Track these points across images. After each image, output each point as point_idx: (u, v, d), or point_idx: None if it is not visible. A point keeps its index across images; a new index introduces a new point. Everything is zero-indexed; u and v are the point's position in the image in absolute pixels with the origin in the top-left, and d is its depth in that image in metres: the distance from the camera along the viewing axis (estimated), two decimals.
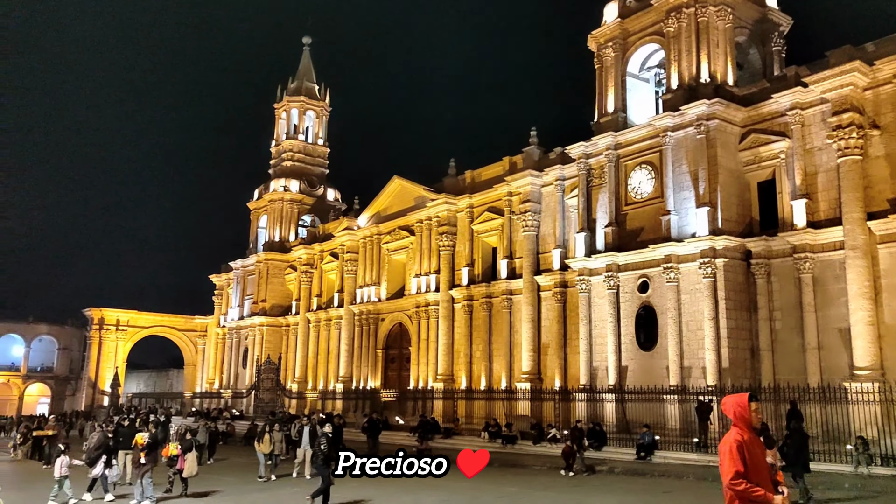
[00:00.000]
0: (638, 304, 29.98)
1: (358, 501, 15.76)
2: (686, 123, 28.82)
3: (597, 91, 33.59)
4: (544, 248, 37.28)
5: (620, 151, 31.65)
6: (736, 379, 25.81)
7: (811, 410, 23.05)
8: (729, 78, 29.78)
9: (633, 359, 29.79)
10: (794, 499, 14.55)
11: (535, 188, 37.65)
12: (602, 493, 17.00)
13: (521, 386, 34.90)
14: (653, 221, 29.84)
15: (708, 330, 26.93)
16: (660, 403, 26.78)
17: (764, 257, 27.50)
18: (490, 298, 39.69)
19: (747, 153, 28.68)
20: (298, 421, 24.51)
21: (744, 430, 6.22)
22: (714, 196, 27.85)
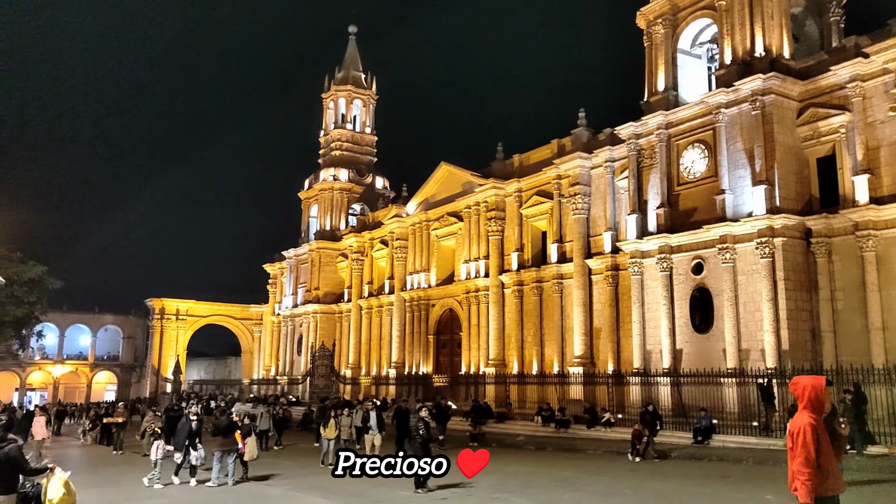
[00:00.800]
0: (692, 285, 29.43)
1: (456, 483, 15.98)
2: (741, 99, 28.03)
3: (646, 69, 32.91)
4: (595, 231, 36.87)
5: (672, 130, 31.01)
6: (796, 361, 25.16)
7: (877, 392, 22.32)
8: (785, 51, 28.80)
9: (687, 342, 29.32)
10: None
11: (585, 170, 37.21)
12: (659, 479, 16.85)
13: (574, 370, 34.74)
14: (706, 201, 29.19)
15: (766, 311, 26.28)
16: (717, 387, 26.29)
17: (824, 236, 26.64)
18: (540, 283, 39.50)
19: (805, 128, 27.75)
20: (362, 406, 23.95)
21: (815, 413, 6.10)
22: (771, 173, 27.06)
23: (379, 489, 15.58)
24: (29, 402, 66.13)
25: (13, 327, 34.96)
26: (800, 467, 5.88)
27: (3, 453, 8.22)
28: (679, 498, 13.84)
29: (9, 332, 35.65)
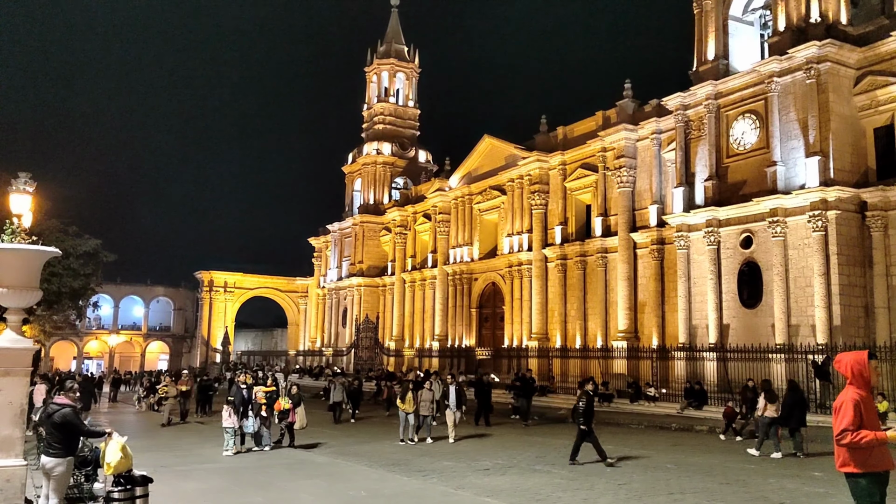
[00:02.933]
0: (741, 260, 28.84)
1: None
2: (794, 67, 27.08)
3: (696, 38, 32.00)
4: (640, 205, 36.31)
5: (721, 101, 30.18)
6: (848, 338, 24.54)
7: None
8: (842, 16, 27.65)
9: (735, 317, 28.81)
10: (789, 450, 16.13)
11: (630, 143, 36.56)
12: (701, 454, 16.74)
13: (618, 344, 34.52)
14: (757, 174, 28.44)
15: (818, 286, 25.62)
16: (765, 363, 25.85)
17: (881, 209, 25.73)
18: (584, 257, 39.18)
19: (863, 97, 26.69)
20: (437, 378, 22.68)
21: (861, 389, 5.99)
22: (825, 144, 26.18)
23: (422, 458, 15.84)
24: (87, 370, 68.89)
25: (70, 298, 36.26)
26: (845, 433, 5.77)
27: (60, 415, 8.59)
28: (724, 473, 13.74)
29: (66, 303, 37.00)
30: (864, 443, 5.69)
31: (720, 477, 13.30)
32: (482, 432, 21.35)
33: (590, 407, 15.07)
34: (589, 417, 14.89)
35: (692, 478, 13.14)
